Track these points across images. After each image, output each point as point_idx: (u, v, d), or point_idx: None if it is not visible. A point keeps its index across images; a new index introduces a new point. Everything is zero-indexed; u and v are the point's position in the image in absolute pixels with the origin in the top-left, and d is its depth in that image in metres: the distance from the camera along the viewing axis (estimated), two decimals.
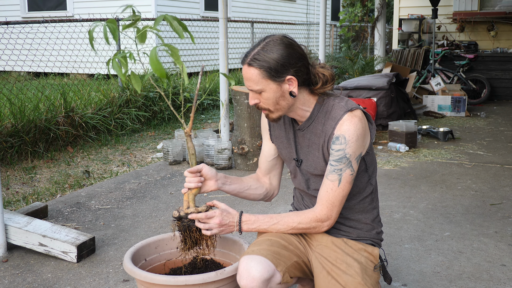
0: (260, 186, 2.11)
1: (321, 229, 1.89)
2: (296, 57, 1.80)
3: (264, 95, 1.82)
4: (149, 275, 1.80)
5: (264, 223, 1.88)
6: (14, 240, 2.96)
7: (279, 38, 1.81)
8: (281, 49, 1.78)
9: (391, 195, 4.02)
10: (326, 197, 1.84)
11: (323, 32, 6.77)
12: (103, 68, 10.55)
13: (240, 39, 11.80)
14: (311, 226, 1.87)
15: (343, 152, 1.80)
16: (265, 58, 1.77)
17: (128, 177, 4.57)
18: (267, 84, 1.79)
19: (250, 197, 2.10)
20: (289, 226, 1.88)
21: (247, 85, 1.84)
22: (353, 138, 1.79)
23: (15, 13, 11.60)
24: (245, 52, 1.85)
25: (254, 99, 1.86)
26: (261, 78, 1.79)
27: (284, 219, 1.88)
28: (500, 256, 2.91)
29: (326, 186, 1.84)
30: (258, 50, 1.79)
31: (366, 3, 12.21)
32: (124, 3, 11.62)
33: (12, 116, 5.29)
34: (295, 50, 1.81)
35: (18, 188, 4.30)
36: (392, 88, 6.70)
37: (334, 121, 1.83)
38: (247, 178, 2.11)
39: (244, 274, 1.74)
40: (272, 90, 1.80)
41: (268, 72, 1.77)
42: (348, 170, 1.81)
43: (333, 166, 1.82)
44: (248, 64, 1.80)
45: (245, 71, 1.82)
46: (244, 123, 4.63)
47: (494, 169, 4.75)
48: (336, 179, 1.82)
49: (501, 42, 9.70)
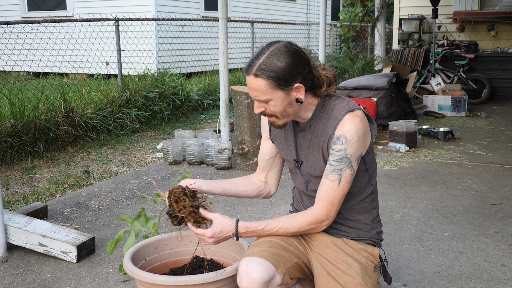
0: (250, 183, 2.10)
1: (320, 229, 1.89)
2: (303, 64, 1.77)
3: (271, 104, 1.79)
4: (148, 275, 1.80)
5: (264, 232, 1.85)
6: (14, 240, 2.95)
7: (284, 46, 1.77)
8: (287, 57, 1.75)
9: (391, 195, 4.02)
10: (325, 196, 1.83)
11: (323, 32, 6.76)
12: (103, 68, 10.55)
13: (240, 39, 11.80)
14: (310, 228, 1.87)
15: (344, 152, 1.79)
16: (272, 67, 1.73)
17: (128, 177, 4.57)
18: (275, 93, 1.77)
19: (241, 194, 2.08)
20: (289, 232, 1.87)
21: (254, 95, 1.80)
22: (354, 138, 1.79)
23: (14, 13, 11.60)
24: (248, 61, 1.80)
25: (260, 107, 1.82)
26: (268, 88, 1.75)
27: (284, 225, 1.86)
28: (501, 256, 2.91)
29: (326, 186, 1.83)
30: (263, 60, 1.75)
31: (366, 3, 12.21)
32: (124, 3, 11.64)
33: (12, 116, 5.29)
34: (301, 57, 1.78)
35: (17, 188, 4.29)
36: (392, 88, 6.69)
37: (335, 121, 1.82)
38: (236, 178, 2.11)
39: (244, 276, 1.74)
40: (280, 99, 1.78)
41: (276, 82, 1.74)
42: (349, 170, 1.81)
43: (333, 166, 1.81)
44: (255, 75, 1.75)
45: (251, 81, 1.77)
46: (244, 123, 4.63)
47: (494, 169, 4.75)
48: (336, 179, 1.81)
49: (502, 42, 9.70)
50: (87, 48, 9.68)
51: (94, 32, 9.43)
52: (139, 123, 6.63)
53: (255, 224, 1.85)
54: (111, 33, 8.38)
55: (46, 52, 8.96)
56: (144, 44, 10.05)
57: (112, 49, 8.50)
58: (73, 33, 9.64)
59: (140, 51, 9.93)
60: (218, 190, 2.03)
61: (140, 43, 9.84)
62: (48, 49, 8.39)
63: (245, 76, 1.83)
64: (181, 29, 10.64)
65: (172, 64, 10.56)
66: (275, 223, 1.86)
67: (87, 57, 9.58)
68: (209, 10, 11.84)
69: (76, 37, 9.59)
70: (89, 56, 9.28)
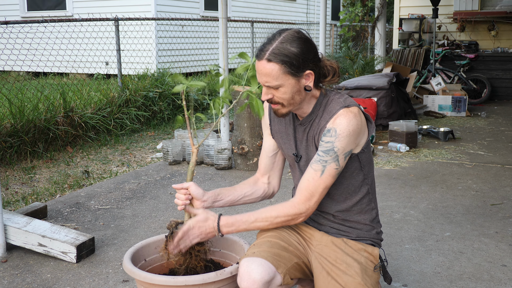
0: (256, 190, 2.08)
1: (298, 221, 1.84)
2: (314, 52, 1.79)
3: (281, 90, 1.79)
4: (148, 275, 1.80)
5: (243, 223, 1.83)
6: (13, 241, 2.95)
7: (296, 32, 1.78)
8: (301, 43, 1.75)
9: (391, 195, 4.01)
10: (306, 185, 1.81)
11: (323, 32, 6.76)
12: (103, 68, 10.54)
13: (240, 39, 11.79)
14: (289, 219, 1.83)
15: (331, 145, 1.78)
16: (286, 52, 1.74)
17: (128, 177, 4.56)
18: (286, 79, 1.77)
19: (248, 202, 2.08)
20: (267, 221, 1.84)
21: (264, 81, 1.79)
22: (344, 132, 1.78)
23: (14, 13, 11.60)
24: (259, 47, 1.80)
25: (268, 94, 1.82)
26: (281, 73, 1.75)
27: (261, 215, 1.84)
28: (501, 257, 2.90)
29: (308, 175, 1.81)
30: (277, 45, 1.75)
31: (367, 3, 12.20)
32: (124, 3, 11.63)
33: (12, 116, 5.28)
34: (312, 45, 1.79)
35: (17, 188, 4.29)
36: (393, 88, 6.69)
37: (329, 115, 1.82)
38: (241, 185, 2.08)
39: (244, 277, 1.73)
40: (291, 85, 1.78)
41: (289, 67, 1.74)
42: (333, 164, 1.79)
43: (319, 156, 1.80)
44: (268, 59, 1.75)
45: (262, 66, 1.76)
46: (244, 123, 4.62)
47: (494, 169, 4.74)
48: (319, 169, 1.79)
49: (502, 41, 9.69)
50: (87, 48, 9.67)
51: (93, 32, 9.41)
52: (138, 123, 6.62)
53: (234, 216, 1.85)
54: (110, 33, 8.37)
55: (46, 52, 8.95)
56: (143, 44, 10.04)
57: (111, 49, 8.49)
58: (72, 33, 9.63)
59: (139, 51, 9.93)
60: (225, 205, 2.03)
61: (140, 43, 9.84)
62: (47, 49, 8.37)
63: (255, 62, 1.80)
64: (181, 29, 10.63)
65: (172, 64, 10.55)
66: (254, 212, 1.86)
67: (87, 57, 9.56)
68: (209, 10, 11.83)
69: (75, 37, 9.57)
70: (89, 56, 9.27)
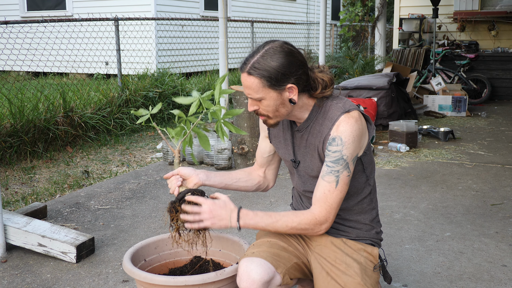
0: (251, 179, 2.10)
1: (319, 232, 1.83)
2: (297, 65, 1.77)
3: (264, 102, 1.79)
4: (148, 275, 1.79)
5: (263, 221, 1.81)
6: (13, 241, 2.94)
7: (279, 45, 1.77)
8: (281, 57, 1.75)
9: (391, 195, 4.01)
10: (323, 198, 1.80)
11: (323, 32, 6.76)
12: (102, 68, 10.54)
13: (240, 39, 11.79)
14: (309, 228, 1.82)
15: (339, 154, 1.78)
16: (265, 67, 1.74)
17: (128, 177, 4.56)
18: (267, 92, 1.77)
19: (241, 189, 2.09)
20: (288, 226, 1.81)
21: (247, 93, 1.81)
22: (349, 139, 1.77)
23: (14, 13, 11.60)
24: (243, 59, 1.81)
25: (254, 105, 1.83)
26: (261, 87, 1.76)
27: (283, 218, 1.82)
28: (501, 257, 2.90)
29: (323, 188, 1.80)
30: (257, 58, 1.76)
31: (367, 3, 12.20)
32: (124, 3, 11.62)
33: (11, 116, 5.28)
34: (295, 58, 1.77)
35: (17, 188, 4.28)
36: (393, 88, 6.68)
37: (331, 121, 1.81)
38: (238, 171, 2.11)
39: (244, 277, 1.73)
40: (273, 98, 1.78)
41: (268, 81, 1.74)
42: (345, 172, 1.79)
43: (330, 167, 1.79)
44: (248, 72, 1.76)
45: (244, 79, 1.79)
46: (244, 123, 4.62)
47: (495, 169, 4.74)
48: (333, 180, 1.79)
49: (502, 41, 9.69)
50: (87, 48, 9.67)
51: (93, 32, 9.42)
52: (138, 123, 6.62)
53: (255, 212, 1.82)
54: (110, 32, 8.37)
55: (46, 51, 8.95)
56: (143, 44, 10.04)
57: (111, 48, 8.48)
58: (72, 33, 9.63)
59: (139, 51, 9.93)
60: (220, 185, 2.03)
61: (140, 42, 9.84)
62: (47, 48, 8.38)
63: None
64: (180, 28, 10.63)
65: (172, 64, 10.55)
66: (276, 214, 1.84)
67: (87, 57, 9.56)
68: (209, 9, 11.83)
69: (75, 37, 9.57)
70: (89, 56, 9.27)
